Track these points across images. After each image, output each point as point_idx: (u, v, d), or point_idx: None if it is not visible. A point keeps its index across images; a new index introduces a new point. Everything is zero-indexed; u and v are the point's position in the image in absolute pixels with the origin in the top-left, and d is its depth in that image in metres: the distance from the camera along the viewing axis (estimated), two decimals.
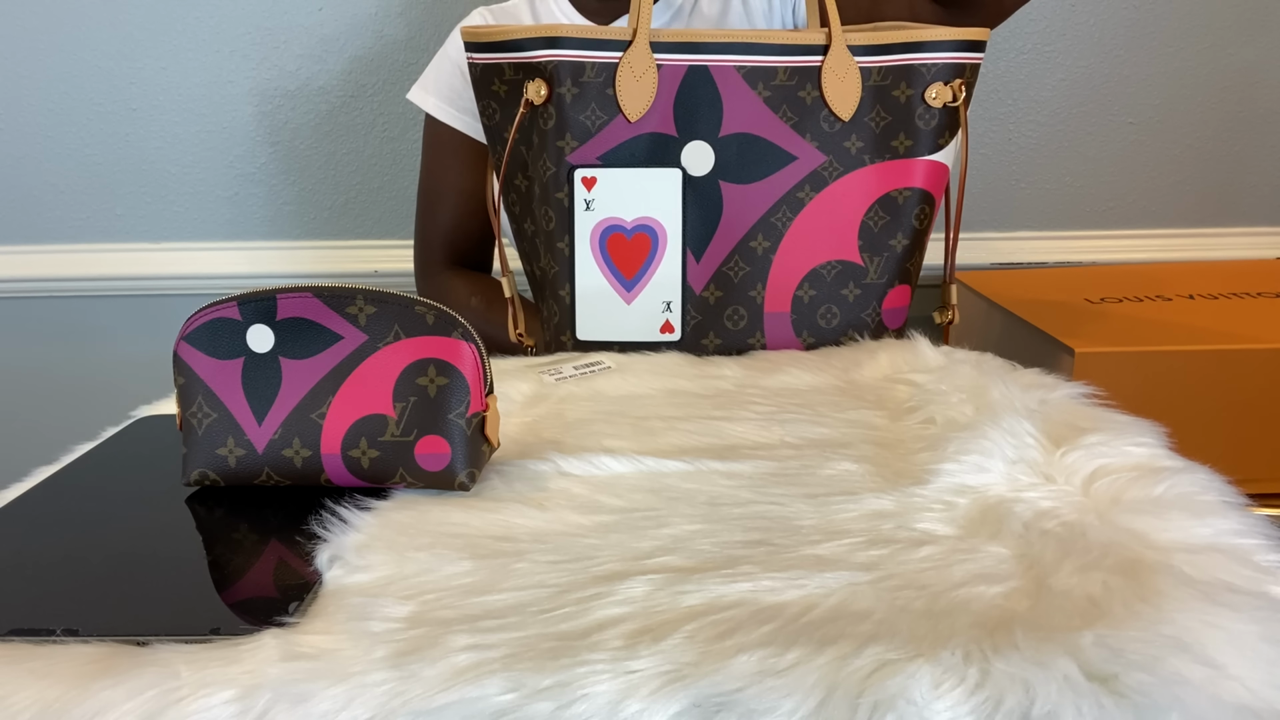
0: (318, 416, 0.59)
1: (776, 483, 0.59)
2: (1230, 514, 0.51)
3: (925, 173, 0.85)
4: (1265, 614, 0.42)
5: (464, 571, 0.49)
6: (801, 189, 0.83)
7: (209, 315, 0.60)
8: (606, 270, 0.84)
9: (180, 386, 0.61)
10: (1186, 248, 1.46)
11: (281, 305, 0.60)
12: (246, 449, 0.60)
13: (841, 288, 0.85)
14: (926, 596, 0.45)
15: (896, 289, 0.86)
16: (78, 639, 0.44)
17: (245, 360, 0.60)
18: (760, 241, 0.83)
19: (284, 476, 0.60)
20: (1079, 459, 0.58)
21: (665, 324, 0.84)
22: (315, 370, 0.60)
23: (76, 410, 1.51)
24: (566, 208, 0.83)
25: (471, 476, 0.58)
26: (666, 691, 0.39)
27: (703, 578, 0.47)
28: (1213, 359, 0.97)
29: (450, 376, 0.58)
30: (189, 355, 0.60)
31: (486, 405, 0.59)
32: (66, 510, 0.59)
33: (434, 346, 0.59)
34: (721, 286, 0.84)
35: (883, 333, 0.86)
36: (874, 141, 0.84)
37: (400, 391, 0.59)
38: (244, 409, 0.60)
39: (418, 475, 0.58)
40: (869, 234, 0.84)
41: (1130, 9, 1.39)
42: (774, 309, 0.85)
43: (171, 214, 1.46)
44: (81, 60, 1.39)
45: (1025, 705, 0.38)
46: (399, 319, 0.59)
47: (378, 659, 0.42)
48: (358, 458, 0.59)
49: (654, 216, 0.83)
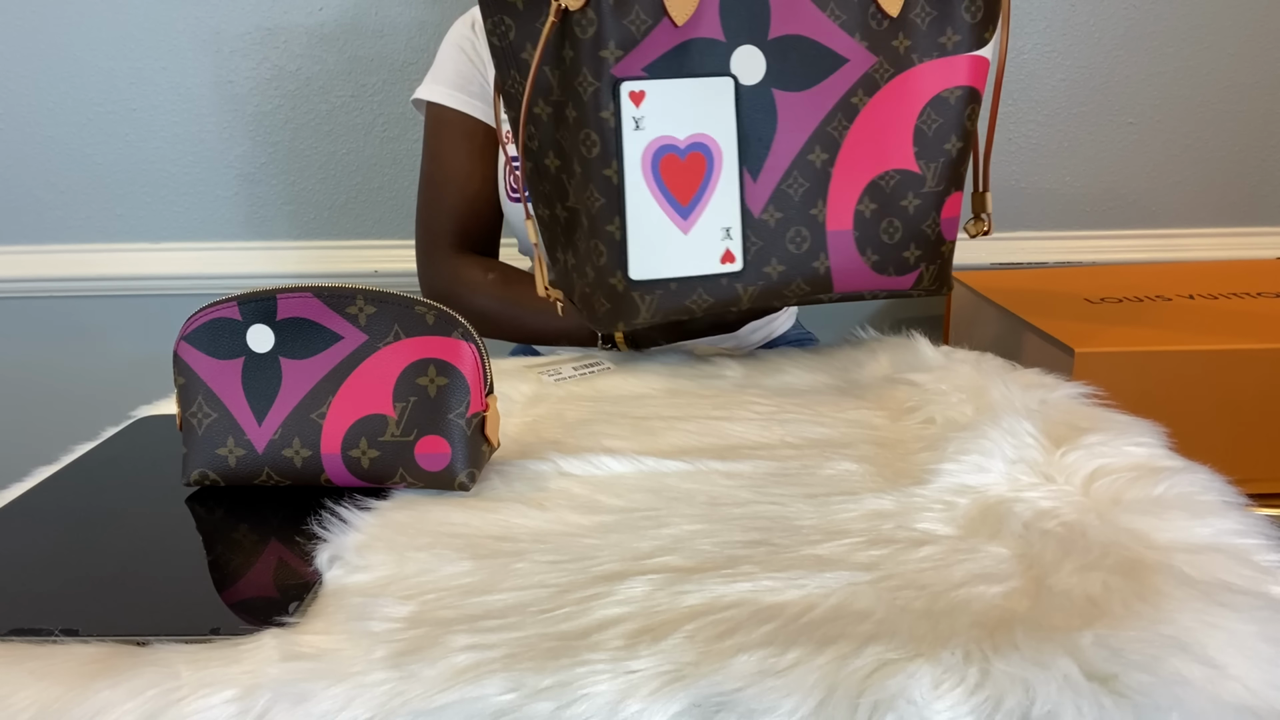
0: (318, 416, 0.59)
1: (776, 483, 0.59)
2: (1230, 514, 0.51)
3: (971, 69, 0.78)
4: (1265, 614, 0.42)
5: (464, 571, 0.49)
6: (855, 94, 0.76)
7: (209, 315, 0.60)
8: (660, 197, 0.75)
9: (180, 386, 0.61)
10: (1186, 248, 1.46)
11: (282, 305, 0.60)
12: (246, 449, 0.60)
13: (901, 198, 0.78)
14: (926, 596, 0.45)
15: (952, 196, 0.80)
16: (78, 639, 0.44)
17: (245, 360, 0.60)
18: (818, 153, 0.76)
19: (284, 476, 0.60)
20: (1079, 459, 0.58)
21: (726, 253, 0.76)
22: (315, 370, 0.60)
23: (76, 410, 1.51)
24: (613, 128, 0.74)
25: (471, 476, 0.58)
26: (666, 691, 0.39)
27: (703, 578, 0.47)
28: (1213, 359, 0.97)
29: (450, 376, 0.58)
30: (189, 355, 0.60)
31: (486, 405, 0.59)
32: (66, 510, 0.59)
33: (434, 346, 0.59)
34: (781, 206, 0.76)
35: (941, 245, 0.79)
36: (922, 39, 0.77)
37: (400, 391, 0.59)
38: (244, 409, 0.60)
39: (418, 475, 0.58)
40: (923, 139, 0.78)
41: (1130, 9, 1.39)
42: (837, 226, 0.77)
43: (171, 214, 1.46)
44: (81, 60, 1.39)
45: (1025, 705, 0.38)
46: (399, 319, 0.59)
47: (378, 659, 0.42)
48: (358, 458, 0.59)
49: (708, 133, 0.75)
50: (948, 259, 0.80)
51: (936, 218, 0.79)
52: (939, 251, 0.79)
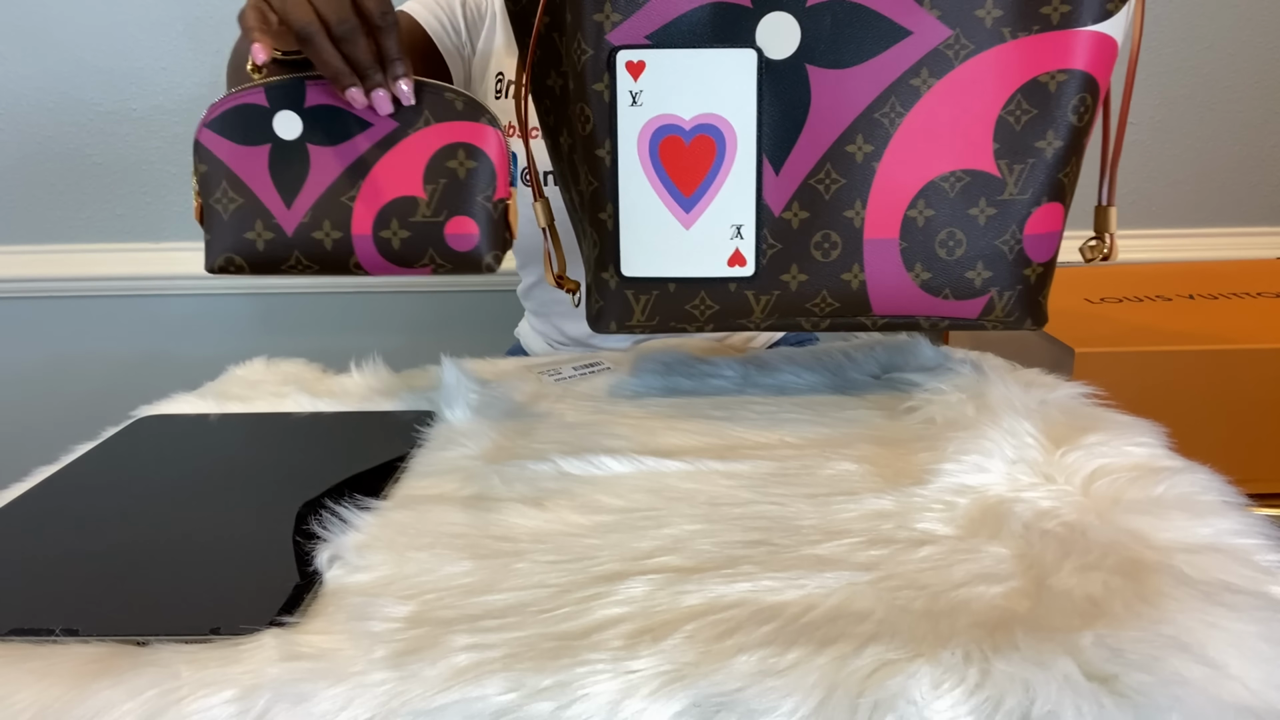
0: (348, 199, 0.60)
1: (776, 482, 0.59)
2: (1230, 514, 0.51)
3: (1088, 49, 0.63)
4: (1265, 614, 0.42)
5: (464, 571, 0.49)
6: (917, 74, 0.64)
7: (234, 101, 0.60)
8: (659, 183, 0.66)
9: (202, 175, 0.61)
10: (1186, 248, 1.46)
11: (310, 92, 0.60)
12: (275, 232, 0.60)
13: (969, 206, 0.65)
14: (926, 596, 0.45)
15: (1045, 208, 0.65)
16: (78, 639, 0.44)
17: (272, 146, 0.60)
18: (860, 145, 0.65)
19: (313, 260, 0.61)
20: (1079, 459, 0.58)
21: (735, 254, 0.66)
22: (345, 155, 0.60)
23: (76, 410, 1.51)
24: (607, 103, 0.65)
25: (496, 259, 0.61)
26: (666, 691, 0.39)
27: (703, 578, 0.47)
28: (1213, 359, 0.97)
29: (478, 160, 0.60)
30: (212, 142, 0.61)
31: (510, 194, 0.61)
32: (66, 510, 0.59)
33: (463, 131, 0.60)
34: (808, 205, 0.66)
35: (1024, 267, 0.66)
36: (1018, 7, 0.63)
37: (431, 174, 0.60)
38: (271, 193, 0.60)
39: (446, 256, 0.60)
40: (1008, 133, 0.64)
41: None
42: (877, 234, 0.65)
43: (171, 214, 1.46)
44: (81, 60, 1.39)
45: (1025, 705, 0.38)
46: (429, 105, 0.61)
47: (378, 659, 0.42)
48: (389, 238, 0.60)
49: (720, 113, 0.65)
50: (1035, 286, 0.67)
51: (1018, 232, 0.65)
52: (1019, 275, 0.66)
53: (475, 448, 0.66)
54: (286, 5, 0.59)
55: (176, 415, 0.76)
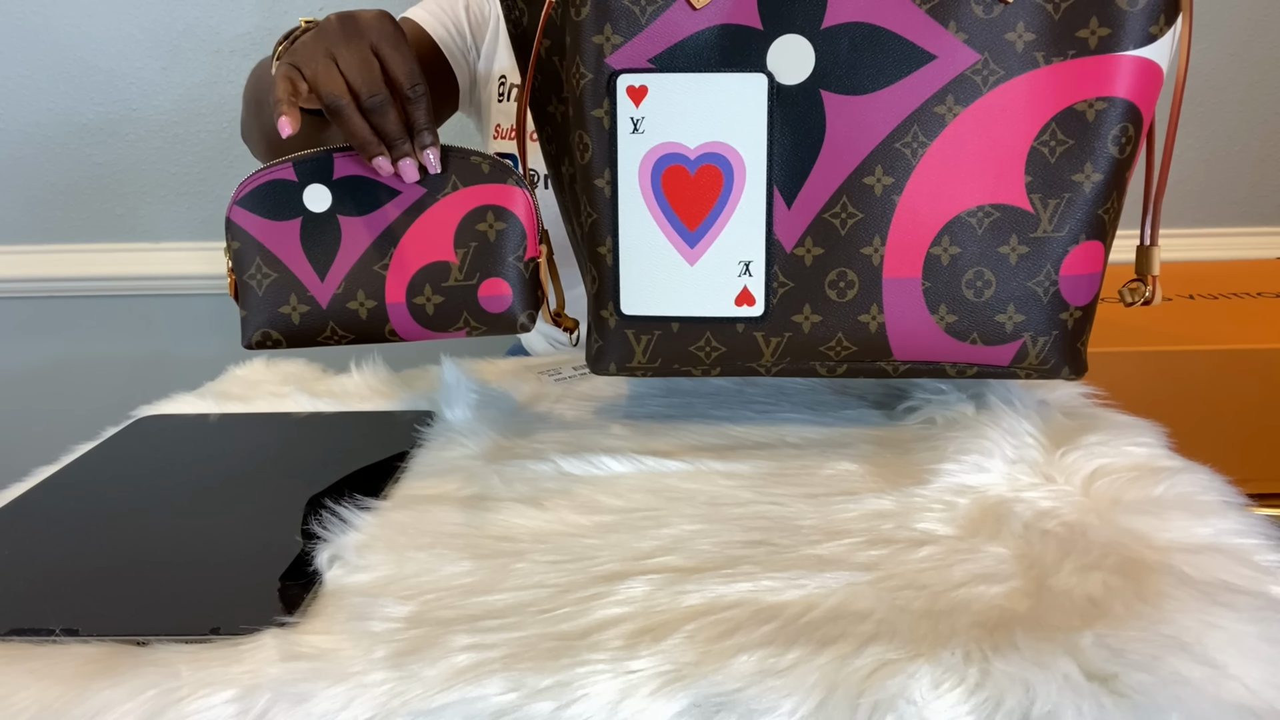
0: (380, 268, 0.61)
1: (777, 482, 0.59)
2: (1230, 514, 0.51)
3: (1130, 76, 0.59)
4: (1265, 614, 0.42)
5: (464, 571, 0.49)
6: (941, 101, 0.59)
7: (264, 178, 0.61)
8: (661, 216, 0.62)
9: (235, 251, 0.62)
10: (1187, 248, 1.46)
11: (338, 163, 0.61)
12: (310, 305, 0.61)
13: (999, 243, 0.60)
14: (926, 596, 0.45)
15: (1083, 246, 0.61)
16: (78, 639, 0.44)
17: (303, 220, 0.61)
18: (879, 177, 0.60)
19: (348, 330, 0.61)
20: (1079, 459, 0.58)
21: (743, 293, 0.62)
22: (375, 225, 0.61)
23: (76, 410, 1.51)
24: (606, 130, 0.61)
25: (531, 318, 0.61)
26: (666, 691, 0.39)
27: (703, 578, 0.47)
28: (1213, 359, 0.97)
29: (507, 221, 0.61)
30: (243, 219, 0.61)
31: (540, 252, 0.62)
32: (66, 510, 0.59)
33: (491, 194, 0.61)
34: (823, 241, 0.62)
35: (1061, 310, 0.61)
36: (1052, 31, 0.59)
37: (461, 238, 0.61)
38: (305, 267, 0.61)
39: (481, 318, 0.61)
40: (1042, 166, 0.60)
41: None
42: (897, 273, 0.61)
43: (171, 214, 1.46)
44: (82, 60, 1.40)
45: (1025, 705, 0.38)
46: (456, 170, 0.61)
47: (378, 659, 0.42)
48: (422, 304, 0.61)
49: (728, 141, 0.61)
50: (1073, 331, 0.62)
51: (1053, 273, 0.61)
52: (1055, 319, 0.61)
53: (475, 448, 0.66)
54: (318, 75, 0.60)
55: (176, 415, 0.76)
